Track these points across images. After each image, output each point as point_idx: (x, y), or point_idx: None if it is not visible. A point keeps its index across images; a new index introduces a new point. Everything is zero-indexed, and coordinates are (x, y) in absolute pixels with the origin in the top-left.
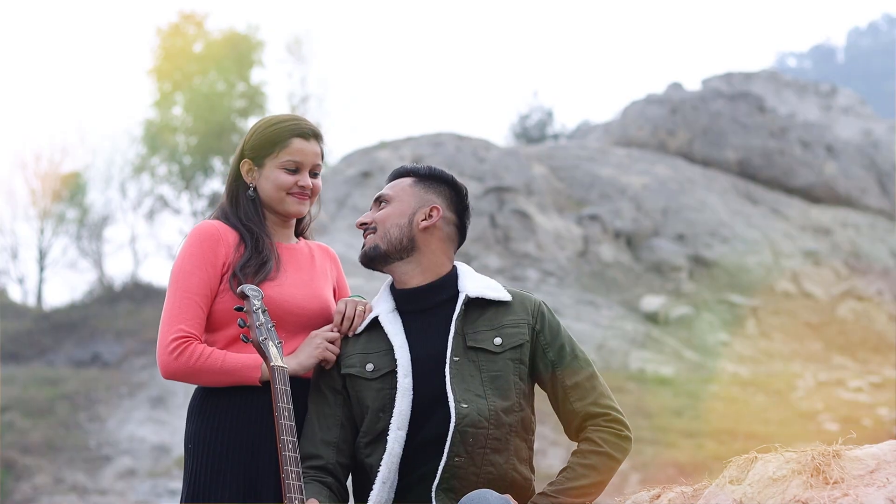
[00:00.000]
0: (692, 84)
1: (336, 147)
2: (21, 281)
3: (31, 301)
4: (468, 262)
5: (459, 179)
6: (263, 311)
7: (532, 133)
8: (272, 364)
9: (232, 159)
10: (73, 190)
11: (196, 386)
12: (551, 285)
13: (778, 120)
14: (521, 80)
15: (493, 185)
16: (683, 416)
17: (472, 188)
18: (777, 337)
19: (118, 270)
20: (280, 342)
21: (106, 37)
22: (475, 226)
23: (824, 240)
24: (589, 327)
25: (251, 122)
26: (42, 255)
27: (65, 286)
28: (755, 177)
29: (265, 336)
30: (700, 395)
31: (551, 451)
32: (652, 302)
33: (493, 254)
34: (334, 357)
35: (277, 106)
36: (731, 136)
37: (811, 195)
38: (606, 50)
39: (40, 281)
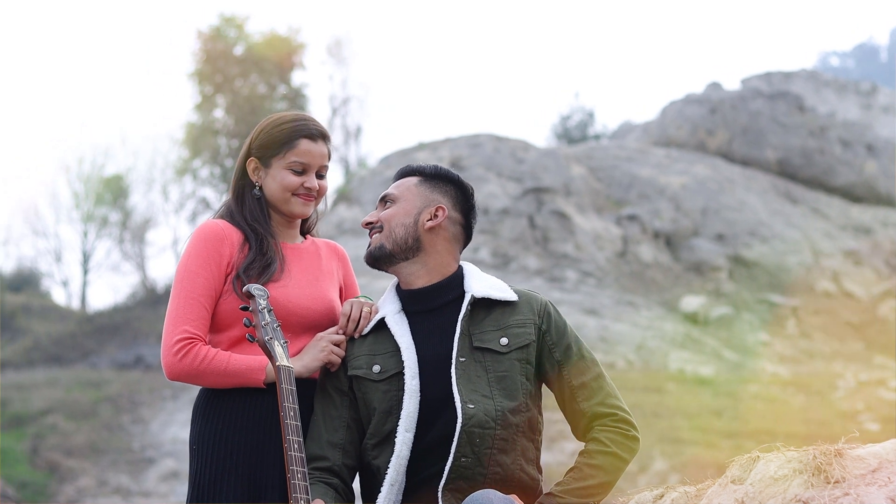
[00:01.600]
0: (731, 84)
1: (375, 149)
2: (65, 284)
3: (75, 304)
4: (507, 264)
5: (494, 179)
6: (269, 311)
7: (573, 134)
8: (278, 364)
9: (239, 156)
10: (115, 193)
11: (201, 387)
12: (590, 286)
13: (818, 119)
14: (563, 82)
15: (531, 186)
16: (723, 417)
17: (511, 189)
18: (817, 337)
19: (161, 273)
20: (286, 342)
21: (147, 40)
22: (514, 227)
23: (865, 239)
24: (628, 328)
25: None
26: (86, 258)
27: (108, 289)
28: (795, 176)
29: (271, 336)
30: (740, 396)
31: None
32: (691, 302)
33: (532, 255)
34: (339, 360)
35: (319, 108)
36: (770, 136)
37: (851, 194)
38: (647, 50)
39: (84, 284)
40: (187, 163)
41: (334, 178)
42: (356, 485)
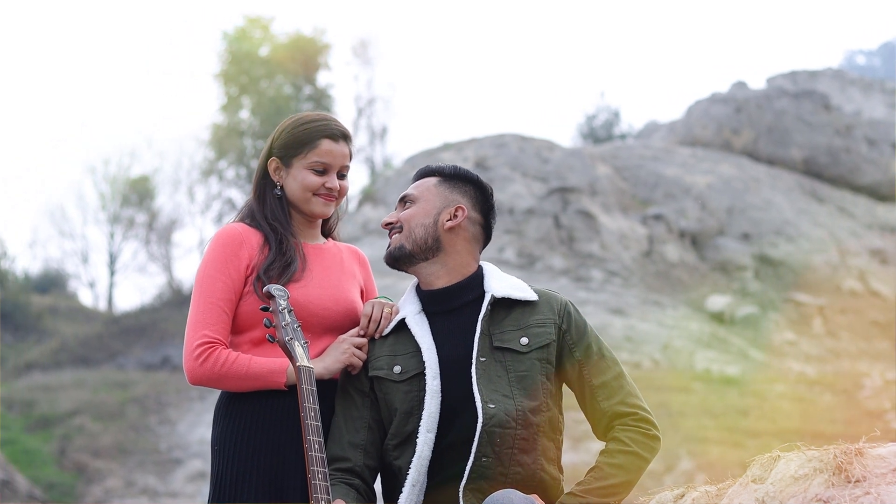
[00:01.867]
0: (757, 83)
1: (401, 149)
2: (92, 285)
3: (102, 305)
4: (532, 264)
5: (519, 179)
6: (289, 311)
7: (599, 133)
8: (298, 364)
9: (260, 156)
10: (141, 194)
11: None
12: (616, 285)
13: (843, 118)
14: (588, 81)
15: (557, 186)
16: (749, 416)
17: (536, 189)
18: (844, 336)
19: (187, 274)
20: (306, 342)
21: (173, 41)
22: (539, 226)
23: (891, 238)
24: (654, 327)
25: None
26: (112, 260)
27: (134, 290)
28: (821, 175)
29: (291, 336)
30: (766, 395)
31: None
32: (717, 301)
33: (558, 254)
34: (361, 363)
35: (344, 109)
36: (796, 135)
37: (877, 193)
38: (672, 49)
39: (111, 285)
40: (213, 164)
41: (359, 179)
42: (377, 485)
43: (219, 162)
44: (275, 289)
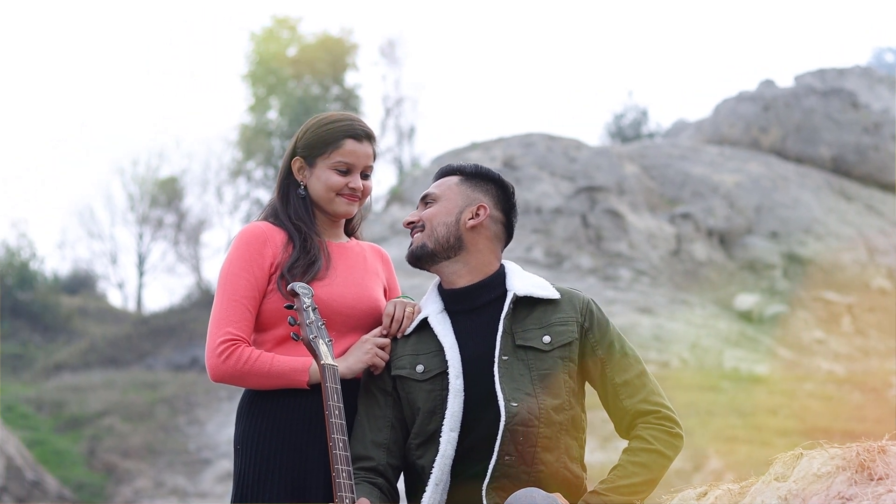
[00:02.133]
0: (785, 81)
1: (428, 149)
2: (121, 286)
3: (131, 306)
4: (560, 263)
5: (547, 179)
6: (314, 309)
7: (627, 132)
8: (322, 362)
9: (284, 155)
10: (170, 195)
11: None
12: (644, 284)
13: (872, 115)
14: (616, 80)
15: (584, 185)
16: (778, 415)
17: (564, 188)
18: (873, 334)
19: (216, 274)
20: (330, 340)
21: (201, 42)
22: (567, 226)
23: None
24: (682, 326)
25: None
26: (141, 260)
27: (163, 291)
28: (849, 173)
29: (315, 334)
30: (795, 394)
31: None
32: (746, 300)
33: (586, 254)
34: (383, 363)
35: (372, 109)
36: (824, 133)
37: None
38: (700, 47)
39: (139, 286)
40: (241, 164)
41: (387, 179)
42: (400, 484)
43: (247, 162)
44: (299, 287)
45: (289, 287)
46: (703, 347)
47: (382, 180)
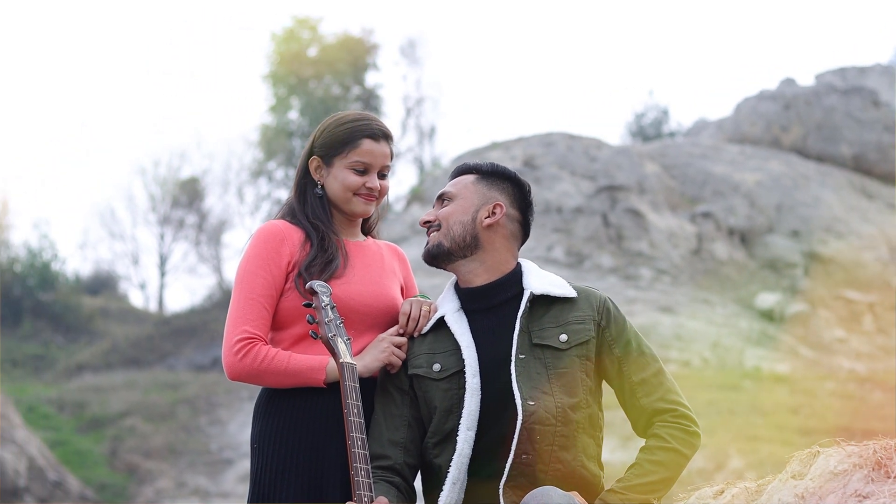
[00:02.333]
0: (805, 79)
1: (449, 149)
2: (142, 286)
3: (153, 306)
4: (581, 262)
5: (567, 178)
6: (332, 308)
7: (648, 132)
8: (341, 361)
9: (301, 155)
10: (191, 195)
11: (262, 387)
12: (665, 284)
13: (893, 114)
14: (637, 79)
15: (605, 184)
16: (800, 414)
17: (584, 187)
18: (894, 333)
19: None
20: (349, 339)
21: (221, 42)
22: (587, 225)
23: None
24: (703, 325)
25: None
26: (162, 261)
27: (185, 291)
28: (870, 172)
29: (334, 332)
30: (816, 393)
31: None
32: (767, 299)
33: (606, 253)
34: (400, 362)
35: (393, 109)
36: (845, 131)
37: None
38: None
39: (161, 286)
40: (262, 165)
41: (408, 179)
42: (417, 483)
43: (268, 163)
44: (318, 285)
45: (308, 285)
46: (724, 346)
47: (403, 180)
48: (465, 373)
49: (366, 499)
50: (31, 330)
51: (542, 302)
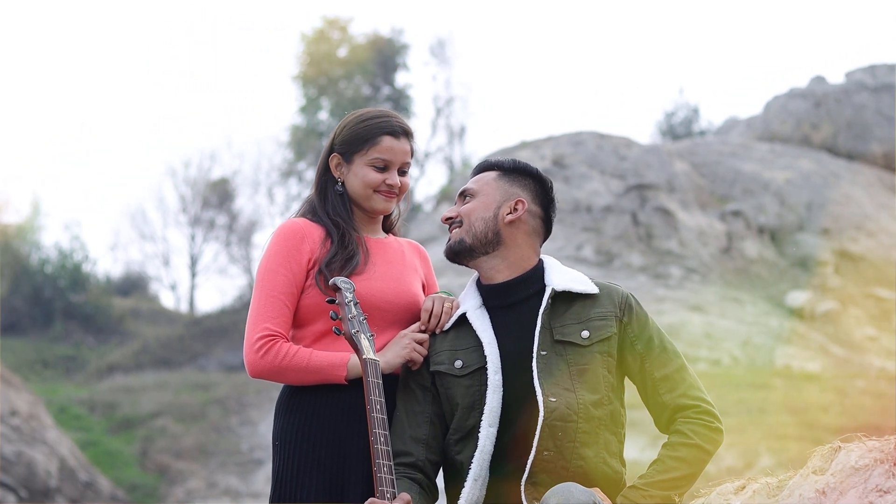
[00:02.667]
0: (835, 77)
1: (479, 148)
2: (173, 287)
3: (184, 307)
4: (611, 261)
5: (597, 177)
6: (355, 304)
7: (678, 131)
8: (364, 357)
9: (322, 151)
10: (221, 196)
11: (283, 384)
12: (695, 282)
13: None
14: (667, 78)
15: (634, 183)
16: (830, 412)
17: (614, 186)
18: None
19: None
20: (372, 335)
21: (252, 43)
22: (617, 224)
23: None
24: (733, 324)
25: None
26: (193, 262)
27: (215, 292)
28: None
29: (357, 329)
30: (847, 391)
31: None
32: (797, 297)
33: (636, 252)
34: (421, 359)
35: (423, 109)
36: (875, 129)
37: None
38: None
39: (192, 287)
40: (292, 165)
41: (438, 178)
42: (440, 480)
43: (298, 163)
44: (341, 281)
45: (331, 281)
46: (754, 345)
47: (433, 180)
48: (486, 369)
49: (388, 495)
50: (63, 331)
51: (564, 298)
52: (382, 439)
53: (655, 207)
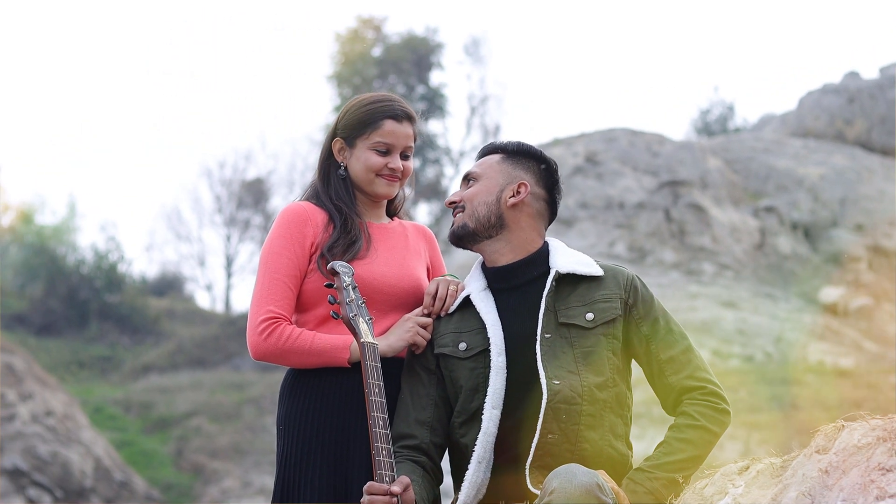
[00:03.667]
0: (870, 72)
1: None
2: (209, 287)
3: (219, 307)
4: (643, 258)
5: (630, 173)
6: (354, 288)
7: (713, 128)
8: (362, 340)
9: (325, 136)
10: (256, 196)
11: (287, 368)
12: (728, 279)
13: None
14: (701, 75)
15: (667, 180)
16: (864, 408)
17: (647, 182)
18: None
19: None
20: (371, 319)
21: (286, 44)
22: (650, 220)
23: None
24: (767, 320)
25: (432, 126)
26: (229, 262)
27: (251, 292)
28: None
29: (355, 312)
30: (881, 387)
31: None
32: (831, 293)
33: (669, 248)
34: (425, 342)
35: (458, 108)
36: None
37: None
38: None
39: (227, 287)
40: None
41: None
42: (445, 463)
43: None
44: (339, 265)
45: (329, 266)
46: (787, 341)
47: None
48: (490, 351)
49: (387, 478)
50: (98, 331)
51: (569, 281)
52: (381, 422)
53: (688, 204)
